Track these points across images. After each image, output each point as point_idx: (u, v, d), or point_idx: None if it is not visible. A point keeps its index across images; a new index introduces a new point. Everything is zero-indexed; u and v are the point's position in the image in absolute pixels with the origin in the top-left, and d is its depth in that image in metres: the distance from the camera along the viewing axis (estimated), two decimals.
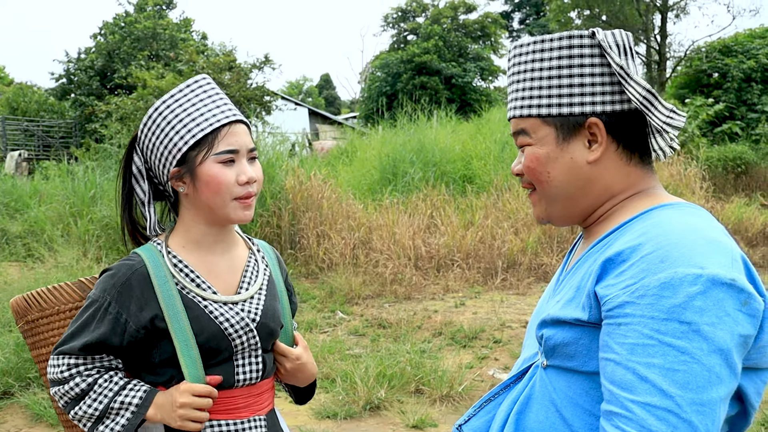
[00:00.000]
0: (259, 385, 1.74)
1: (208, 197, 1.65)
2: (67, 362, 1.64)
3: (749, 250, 9.27)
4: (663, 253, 1.10)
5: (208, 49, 27.48)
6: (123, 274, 1.63)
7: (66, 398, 1.64)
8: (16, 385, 5.10)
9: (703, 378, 1.03)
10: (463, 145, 12.67)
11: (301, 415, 4.72)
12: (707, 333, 1.04)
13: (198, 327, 1.62)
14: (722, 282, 1.06)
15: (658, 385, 1.04)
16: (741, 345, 1.06)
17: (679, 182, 10.53)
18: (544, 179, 1.31)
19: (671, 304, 1.06)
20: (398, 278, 8.19)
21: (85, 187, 10.86)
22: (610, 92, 1.25)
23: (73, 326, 1.64)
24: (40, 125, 26.54)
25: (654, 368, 1.05)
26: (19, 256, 9.84)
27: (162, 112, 1.66)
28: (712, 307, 1.04)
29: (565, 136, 1.28)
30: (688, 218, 1.18)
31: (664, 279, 1.07)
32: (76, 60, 28.24)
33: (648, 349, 1.06)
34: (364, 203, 10.27)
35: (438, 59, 30.80)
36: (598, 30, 1.26)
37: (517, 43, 1.35)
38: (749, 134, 16.92)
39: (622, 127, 1.27)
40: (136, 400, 1.61)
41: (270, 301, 1.77)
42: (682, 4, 24.96)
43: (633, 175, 1.29)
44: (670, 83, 21.96)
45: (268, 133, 14.72)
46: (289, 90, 63.51)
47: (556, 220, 1.36)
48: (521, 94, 1.32)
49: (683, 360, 1.03)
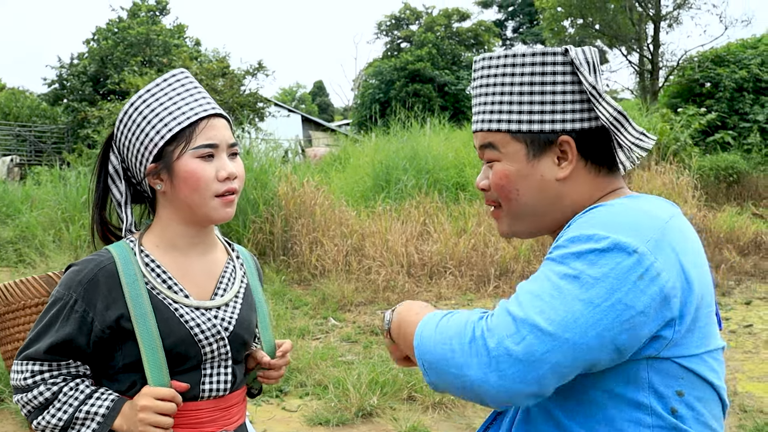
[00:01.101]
0: (228, 398, 1.63)
1: (187, 195, 1.56)
2: (32, 368, 1.54)
3: (741, 259, 9.30)
4: (590, 217, 1.17)
5: (202, 55, 27.52)
6: (90, 270, 1.53)
7: (29, 407, 1.54)
8: (6, 390, 5.06)
9: (559, 314, 1.07)
10: (456, 153, 12.68)
11: (293, 422, 4.70)
12: (586, 282, 1.08)
13: (166, 330, 1.53)
14: (624, 248, 1.09)
15: (522, 301, 1.11)
16: (618, 312, 1.07)
17: (671, 191, 10.56)
18: (513, 197, 1.31)
19: (570, 251, 1.12)
20: (391, 285, 8.18)
21: (77, 193, 10.82)
22: (580, 110, 1.26)
23: (37, 327, 1.54)
24: (32, 130, 26.47)
25: (528, 293, 1.12)
26: (10, 261, 9.78)
27: (137, 106, 1.59)
28: (604, 264, 1.09)
29: (535, 152, 1.28)
30: (634, 201, 1.22)
31: (576, 234, 1.14)
32: (69, 65, 28.25)
33: (535, 280, 1.14)
34: (356, 210, 10.26)
35: (431, 67, 30.89)
36: (570, 47, 1.27)
37: (486, 55, 1.34)
38: (741, 144, 16.99)
39: (591, 143, 1.28)
40: (102, 410, 1.51)
41: (246, 311, 1.68)
42: (675, 14, 25.10)
43: (600, 184, 1.31)
44: (663, 92, 22.06)
45: (261, 140, 14.72)
46: (282, 97, 63.51)
47: (523, 234, 1.37)
48: (490, 108, 1.31)
49: (551, 294, 1.09)
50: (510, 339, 1.07)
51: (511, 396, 1.08)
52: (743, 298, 7.79)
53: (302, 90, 71.78)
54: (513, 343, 1.07)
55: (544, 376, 1.07)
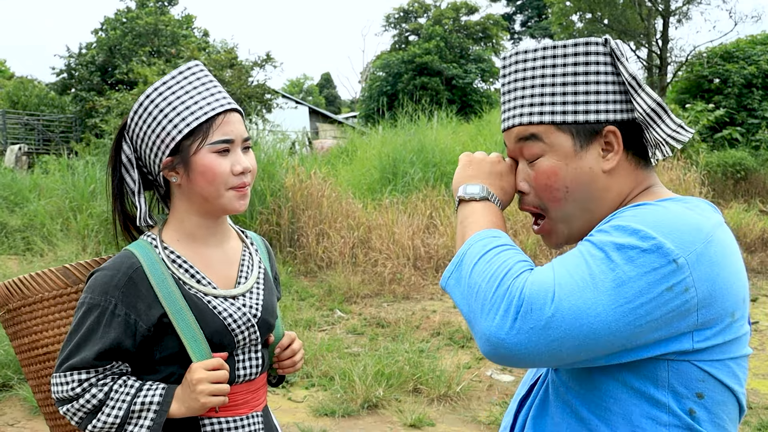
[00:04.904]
0: (256, 381, 1.71)
1: (203, 187, 1.60)
2: (78, 378, 1.53)
3: (747, 256, 9.29)
4: (639, 213, 1.15)
5: (210, 46, 27.51)
6: (124, 274, 1.56)
7: (81, 413, 1.54)
8: (14, 377, 5.11)
9: (587, 303, 1.06)
10: (463, 147, 12.67)
11: (299, 413, 4.73)
12: (618, 278, 1.07)
13: (203, 323, 1.58)
14: (666, 254, 1.08)
15: (558, 273, 1.10)
16: (639, 317, 1.07)
17: (678, 187, 10.54)
18: (561, 196, 1.27)
19: (612, 240, 1.11)
20: (397, 278, 8.20)
21: (85, 182, 10.85)
22: (621, 101, 1.25)
23: (76, 336, 1.54)
24: (40, 119, 26.51)
25: (563, 266, 1.12)
26: (18, 249, 9.83)
27: (154, 100, 1.61)
28: (642, 264, 1.07)
29: (582, 143, 1.24)
30: (687, 206, 1.19)
31: (622, 224, 1.12)
32: (77, 55, 28.22)
33: (572, 256, 1.13)
34: (363, 202, 10.27)
35: (439, 60, 30.82)
36: (608, 37, 1.25)
37: (521, 49, 1.31)
38: (749, 140, 16.93)
39: (634, 134, 1.27)
40: (157, 398, 1.53)
41: (268, 295, 1.74)
42: (684, 9, 24.98)
43: (639, 177, 1.29)
44: (671, 88, 21.96)
45: (269, 131, 14.73)
46: (289, 88, 63.51)
47: (575, 239, 1.30)
48: (530, 101, 1.27)
49: (584, 278, 1.08)
50: (538, 310, 1.07)
51: (518, 349, 1.09)
52: (750, 296, 7.78)
53: (310, 82, 71.70)
54: (538, 313, 1.07)
55: (552, 346, 1.08)
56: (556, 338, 1.07)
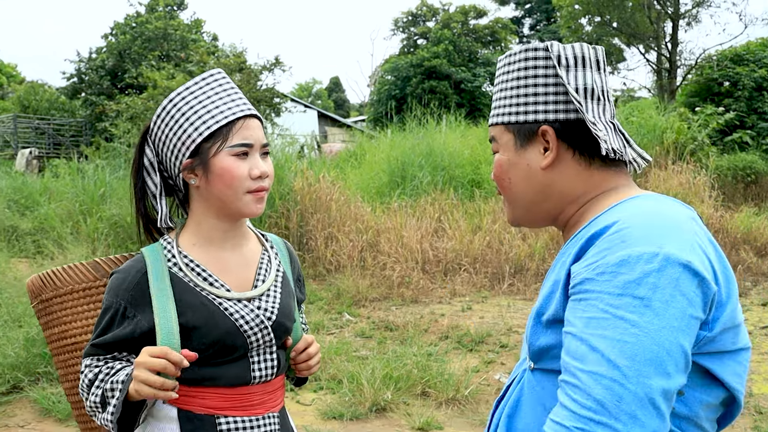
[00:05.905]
0: (273, 382, 1.74)
1: (221, 190, 1.64)
2: (86, 363, 1.65)
3: (758, 260, 9.24)
4: (624, 234, 1.14)
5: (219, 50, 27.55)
6: (133, 277, 1.64)
7: (83, 395, 1.65)
8: (25, 379, 5.13)
9: (652, 351, 1.05)
10: (471, 150, 12.67)
11: (308, 415, 4.73)
12: (659, 309, 1.06)
13: (213, 323, 1.62)
14: (678, 262, 1.09)
15: (607, 355, 1.06)
16: (691, 326, 1.08)
17: (688, 191, 10.49)
18: (506, 185, 1.40)
19: (626, 279, 1.09)
20: (405, 281, 8.20)
21: (95, 186, 10.91)
22: (563, 101, 1.32)
23: (95, 332, 1.66)
24: (50, 123, 26.68)
25: (605, 340, 1.07)
26: (29, 252, 9.90)
27: (177, 103, 1.65)
28: (666, 284, 1.07)
29: (522, 142, 1.36)
30: (653, 204, 1.22)
31: (622, 256, 1.11)
32: (88, 60, 28.39)
33: (602, 322, 1.08)
34: (372, 206, 10.27)
35: (448, 64, 30.80)
36: (553, 43, 1.34)
37: (501, 56, 1.44)
38: (759, 143, 16.83)
39: (576, 134, 1.32)
40: (122, 377, 1.58)
41: (285, 298, 1.77)
42: (693, 12, 24.93)
43: (595, 177, 1.34)
44: (681, 91, 21.90)
45: (278, 135, 14.76)
46: (298, 92, 63.65)
47: (524, 222, 1.44)
48: (494, 104, 1.42)
49: (634, 333, 1.06)
50: (626, 404, 1.03)
51: None
52: (760, 300, 7.75)
53: (318, 86, 71.86)
54: (628, 405, 1.04)
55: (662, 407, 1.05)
56: (664, 394, 1.06)
